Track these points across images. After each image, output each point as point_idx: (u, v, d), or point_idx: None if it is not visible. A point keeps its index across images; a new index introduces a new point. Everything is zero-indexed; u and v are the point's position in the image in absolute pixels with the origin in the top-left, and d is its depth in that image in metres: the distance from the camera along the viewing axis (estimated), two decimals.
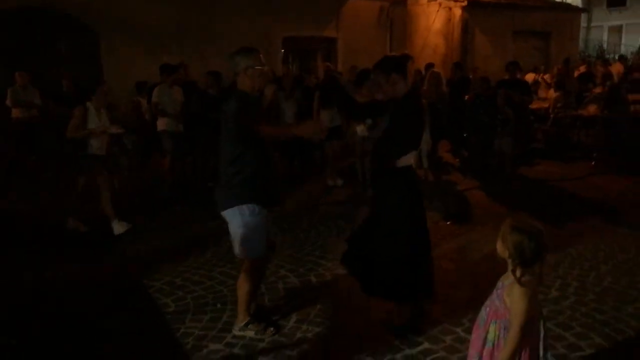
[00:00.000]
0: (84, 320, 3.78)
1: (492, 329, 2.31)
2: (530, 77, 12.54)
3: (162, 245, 5.34)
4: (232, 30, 11.61)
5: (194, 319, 3.77)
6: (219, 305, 3.96)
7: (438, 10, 15.39)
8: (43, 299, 4.16)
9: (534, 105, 10.81)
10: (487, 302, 2.39)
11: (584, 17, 24.56)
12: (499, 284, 2.36)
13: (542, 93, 12.19)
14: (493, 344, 2.29)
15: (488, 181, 7.86)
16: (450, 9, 15.33)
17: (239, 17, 11.74)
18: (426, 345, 3.36)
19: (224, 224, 3.41)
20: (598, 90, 10.24)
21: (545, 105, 10.89)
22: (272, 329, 3.53)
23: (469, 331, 3.35)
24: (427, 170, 8.15)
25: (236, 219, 3.30)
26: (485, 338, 2.32)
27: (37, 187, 7.82)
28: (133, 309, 4.00)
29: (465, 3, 14.93)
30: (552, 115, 10.43)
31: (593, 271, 4.49)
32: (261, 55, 3.41)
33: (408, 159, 3.44)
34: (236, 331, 3.52)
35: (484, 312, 2.39)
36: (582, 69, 12.68)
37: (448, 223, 5.99)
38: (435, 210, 6.30)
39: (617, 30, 28.35)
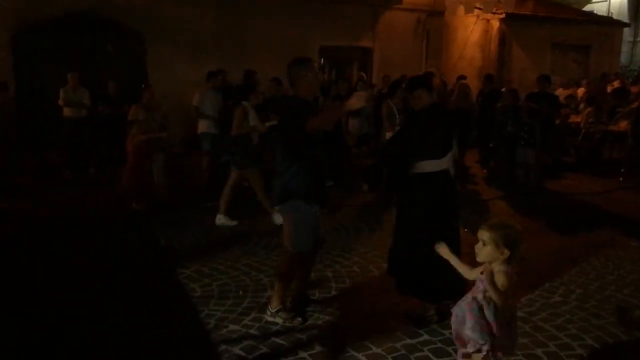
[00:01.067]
0: (120, 299, 4.22)
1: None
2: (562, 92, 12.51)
3: (195, 237, 5.79)
4: (269, 38, 12.12)
5: (217, 303, 4.16)
6: (241, 293, 4.34)
7: (476, 22, 15.51)
8: (92, 278, 4.63)
9: (570, 120, 10.88)
10: (465, 299, 2.66)
11: (629, 31, 24.10)
12: (478, 283, 2.64)
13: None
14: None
15: (512, 192, 8.02)
16: (488, 20, 15.43)
17: (276, 25, 12.20)
18: (425, 337, 3.64)
19: (252, 222, 3.78)
20: (633, 105, 10.21)
21: (578, 119, 10.92)
22: (299, 319, 3.81)
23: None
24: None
25: (288, 213, 3.63)
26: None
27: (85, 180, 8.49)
28: (164, 291, 4.43)
29: (503, 15, 15.00)
30: (583, 130, 10.47)
31: (598, 280, 4.67)
32: (315, 64, 3.77)
33: (428, 166, 3.68)
34: (268, 316, 3.84)
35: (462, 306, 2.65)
36: (616, 84, 12.57)
37: (466, 230, 6.21)
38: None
39: None
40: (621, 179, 8.76)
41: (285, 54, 12.16)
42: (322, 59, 13.26)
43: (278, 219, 5.57)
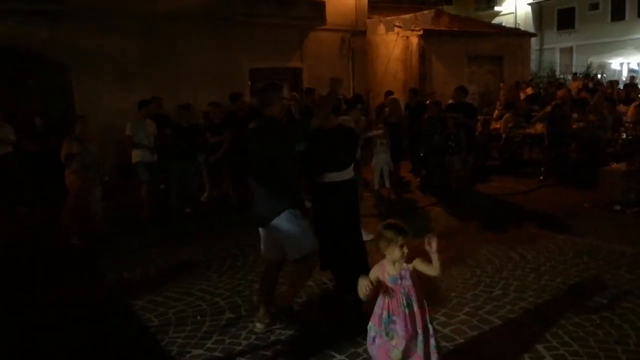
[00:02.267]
0: (76, 337, 4.11)
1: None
2: None
3: (143, 267, 5.70)
4: (199, 63, 12.12)
5: (176, 330, 4.16)
6: (199, 317, 4.35)
7: (396, 40, 16.23)
8: (39, 319, 4.47)
9: (491, 126, 11.64)
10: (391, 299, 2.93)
11: (536, 40, 25.95)
12: (398, 278, 2.93)
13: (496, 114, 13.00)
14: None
15: (443, 198, 8.45)
16: (407, 37, 16.18)
17: (205, 50, 12.21)
18: None
19: (198, 248, 3.85)
20: (547, 109, 11.06)
21: (498, 125, 11.67)
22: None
23: None
24: (389, 189, 8.71)
25: (289, 222, 3.83)
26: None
27: (13, 219, 8.12)
28: (120, 325, 4.36)
29: (421, 32, 15.79)
30: (504, 135, 11.20)
31: (533, 272, 5.06)
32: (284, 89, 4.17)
33: (332, 177, 4.36)
34: (258, 326, 4.04)
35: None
36: (529, 90, 13.57)
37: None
38: None
39: (568, 51, 29.91)
40: (542, 177, 9.44)
41: (217, 78, 12.36)
42: (252, 81, 13.40)
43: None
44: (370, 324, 3.02)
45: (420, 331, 2.92)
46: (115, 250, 6.32)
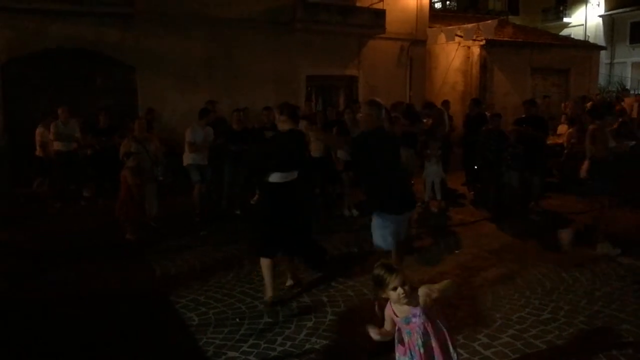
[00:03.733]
0: (119, 331, 4.25)
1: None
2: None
3: (190, 266, 5.83)
4: (258, 68, 12.37)
5: (215, 331, 4.21)
6: (237, 320, 4.39)
7: (457, 49, 15.95)
8: (80, 308, 4.66)
9: (550, 141, 11.15)
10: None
11: (606, 53, 24.86)
12: (411, 317, 2.75)
13: (560, 129, 12.49)
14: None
15: (498, 213, 8.17)
16: (469, 47, 15.87)
17: (264, 55, 12.47)
18: None
19: (244, 250, 3.93)
20: (614, 126, 10.51)
21: (560, 140, 11.19)
22: None
23: (462, 347, 3.75)
24: (440, 201, 8.53)
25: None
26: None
27: (76, 211, 8.51)
28: (162, 321, 4.47)
29: (483, 42, 15.44)
30: (566, 150, 10.73)
31: (586, 297, 4.80)
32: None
33: (276, 177, 4.62)
34: None
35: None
36: (589, 105, 12.92)
37: (456, 252, 6.34)
38: (440, 238, 6.70)
39: None
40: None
41: (274, 83, 12.58)
42: (308, 88, 13.51)
43: None
44: (397, 354, 2.92)
45: None
46: (165, 247, 6.51)
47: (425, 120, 9.96)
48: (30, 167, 9.70)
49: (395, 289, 2.66)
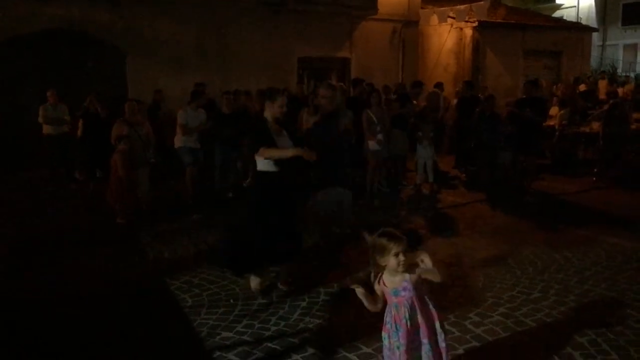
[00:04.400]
0: (113, 312, 4.26)
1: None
2: None
3: (182, 249, 5.84)
4: (250, 50, 12.26)
5: (208, 312, 4.23)
6: (231, 301, 4.42)
7: (449, 31, 15.87)
8: (74, 292, 4.66)
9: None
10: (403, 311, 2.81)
11: (598, 35, 24.82)
12: (400, 290, 2.77)
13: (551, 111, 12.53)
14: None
15: (490, 195, 8.23)
16: (461, 29, 15.79)
17: (257, 38, 12.36)
18: None
19: None
20: (605, 107, 10.55)
21: (552, 122, 11.23)
22: None
23: (453, 325, 3.79)
24: (432, 184, 8.56)
25: None
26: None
27: (68, 195, 8.47)
28: (156, 303, 4.48)
29: (476, 23, 15.37)
30: (557, 132, 10.78)
31: (577, 276, 4.85)
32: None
33: (266, 165, 4.33)
34: None
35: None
36: (582, 87, 12.98)
37: (447, 233, 6.38)
38: (432, 220, 6.74)
39: (633, 48, 28.44)
40: (595, 179, 9.04)
41: (266, 65, 12.48)
42: (300, 70, 13.43)
43: None
44: (383, 333, 2.91)
45: (425, 340, 2.78)
46: (158, 231, 6.50)
47: (415, 102, 9.95)
48: (20, 151, 9.64)
49: (397, 255, 2.67)
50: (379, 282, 2.82)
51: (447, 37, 15.85)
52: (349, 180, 5.90)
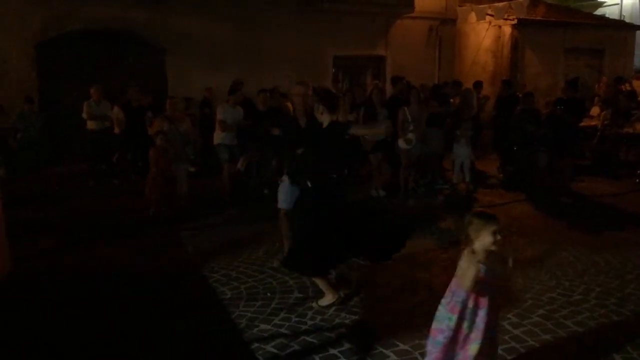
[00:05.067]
0: (154, 303, 4.39)
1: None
2: None
3: (221, 242, 5.95)
4: (285, 49, 12.35)
5: (247, 304, 4.32)
6: (269, 294, 4.49)
7: (487, 29, 15.62)
8: (116, 283, 4.81)
9: (583, 123, 10.89)
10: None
11: None
12: (490, 270, 2.83)
13: (593, 111, 12.21)
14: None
15: (528, 195, 8.10)
16: (500, 27, 15.53)
17: (291, 36, 12.44)
18: None
19: (274, 229, 3.98)
20: None
21: (593, 123, 10.96)
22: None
23: None
24: (468, 183, 8.48)
25: None
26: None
27: (110, 189, 8.73)
28: (196, 295, 4.60)
29: (515, 21, 15.09)
30: (599, 133, 10.51)
31: (618, 279, 4.75)
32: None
33: None
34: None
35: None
36: (626, 87, 12.59)
37: None
38: None
39: None
40: (637, 180, 8.79)
41: (300, 63, 12.54)
42: (335, 68, 13.45)
43: None
44: (449, 314, 2.84)
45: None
46: (196, 225, 6.64)
47: (452, 100, 9.85)
48: (66, 146, 9.97)
49: (494, 233, 2.76)
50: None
51: (485, 35, 15.61)
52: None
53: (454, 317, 2.80)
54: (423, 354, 3.45)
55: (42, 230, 6.48)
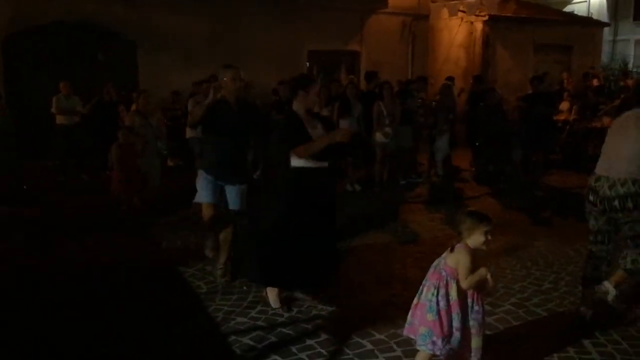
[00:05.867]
0: (130, 298, 4.34)
1: (425, 290, 2.98)
2: None
3: (194, 238, 5.87)
4: (261, 44, 12.30)
5: (223, 298, 4.30)
6: (245, 288, 4.47)
7: (460, 25, 15.81)
8: (90, 280, 4.74)
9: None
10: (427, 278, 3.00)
11: (609, 30, 24.60)
12: (441, 261, 2.96)
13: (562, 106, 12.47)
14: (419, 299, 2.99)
15: (498, 189, 8.25)
16: (472, 23, 15.73)
17: (265, 31, 12.40)
18: None
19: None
20: (616, 102, 10.50)
21: (562, 117, 11.20)
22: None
23: None
24: (441, 177, 8.59)
25: None
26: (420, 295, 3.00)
27: (79, 185, 8.57)
28: (172, 290, 4.56)
29: (486, 17, 15.31)
30: (568, 127, 10.76)
31: None
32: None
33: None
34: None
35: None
36: (595, 82, 12.91)
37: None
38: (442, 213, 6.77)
39: None
40: None
41: (276, 58, 12.50)
42: (308, 63, 13.45)
43: None
44: (453, 314, 2.88)
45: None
46: (170, 221, 6.57)
47: (417, 94, 9.87)
48: (34, 141, 9.74)
49: (486, 233, 2.85)
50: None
51: (458, 31, 15.80)
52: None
53: (457, 316, 2.90)
54: (398, 344, 3.52)
55: (11, 229, 6.32)
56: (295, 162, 3.88)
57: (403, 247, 5.59)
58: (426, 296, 2.94)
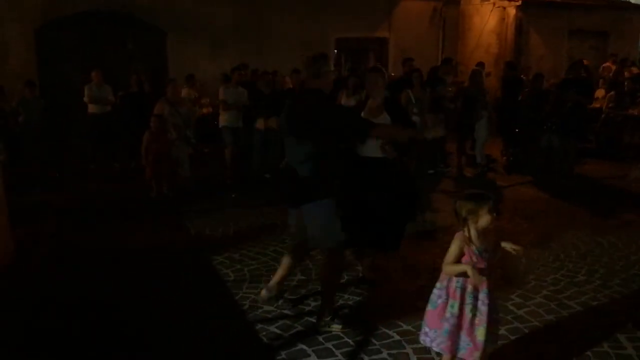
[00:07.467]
0: (159, 285, 4.39)
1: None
2: None
3: (223, 225, 5.94)
4: (287, 31, 12.26)
5: (250, 286, 4.32)
6: (271, 277, 4.47)
7: (492, 10, 15.43)
8: (119, 264, 4.82)
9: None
10: None
11: None
12: (484, 251, 2.82)
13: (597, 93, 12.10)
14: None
15: (532, 178, 8.06)
16: (504, 8, 15.33)
17: (293, 18, 12.33)
18: None
19: (275, 212, 3.96)
20: None
21: (597, 105, 10.87)
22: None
23: None
24: (481, 166, 8.44)
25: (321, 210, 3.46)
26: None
27: (110, 173, 8.72)
28: (200, 277, 4.61)
29: (519, 2, 14.90)
30: (603, 115, 10.43)
31: (622, 260, 4.74)
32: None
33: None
34: (322, 326, 3.60)
35: None
36: (634, 70, 12.47)
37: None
38: None
39: None
40: None
41: (302, 46, 12.43)
42: (336, 51, 13.33)
43: None
44: (451, 300, 2.78)
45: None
46: (199, 208, 6.63)
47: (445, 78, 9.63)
48: (67, 132, 9.93)
49: (490, 211, 2.70)
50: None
51: (489, 17, 15.42)
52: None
53: (456, 303, 2.78)
54: None
55: (45, 216, 6.46)
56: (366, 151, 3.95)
57: (431, 237, 5.51)
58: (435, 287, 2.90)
